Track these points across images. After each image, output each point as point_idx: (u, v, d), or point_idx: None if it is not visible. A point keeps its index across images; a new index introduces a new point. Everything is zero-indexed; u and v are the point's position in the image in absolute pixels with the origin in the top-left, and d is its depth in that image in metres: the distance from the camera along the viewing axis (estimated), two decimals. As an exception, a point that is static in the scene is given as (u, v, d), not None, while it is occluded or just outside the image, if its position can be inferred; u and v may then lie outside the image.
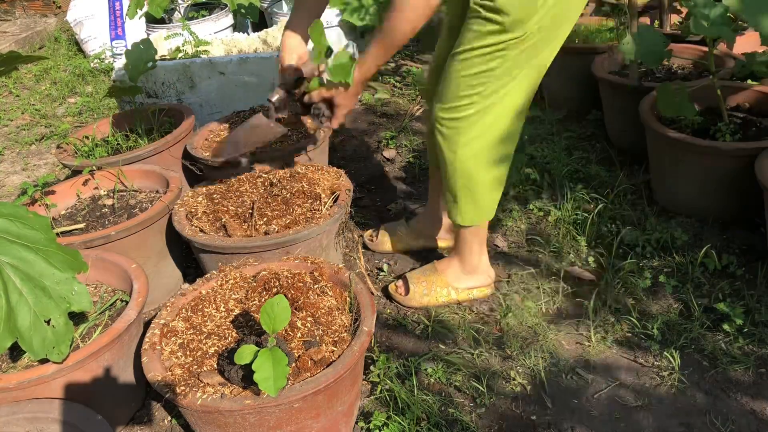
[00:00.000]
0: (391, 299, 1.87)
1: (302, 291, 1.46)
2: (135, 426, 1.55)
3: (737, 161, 1.88)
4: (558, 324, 1.72)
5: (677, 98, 1.96)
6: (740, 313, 1.63)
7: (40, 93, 3.93)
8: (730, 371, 1.52)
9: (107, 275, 1.64)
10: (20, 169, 3.02)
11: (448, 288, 1.82)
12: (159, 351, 1.34)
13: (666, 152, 2.03)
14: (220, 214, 1.80)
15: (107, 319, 1.52)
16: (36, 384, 1.31)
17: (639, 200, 2.18)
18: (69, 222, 1.91)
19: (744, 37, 2.60)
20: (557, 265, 1.92)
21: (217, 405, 1.19)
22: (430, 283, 1.82)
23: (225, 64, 2.52)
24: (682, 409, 1.45)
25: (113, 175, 2.03)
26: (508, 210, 2.20)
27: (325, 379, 1.22)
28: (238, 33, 3.19)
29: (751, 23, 1.61)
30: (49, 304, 1.28)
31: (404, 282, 1.86)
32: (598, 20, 3.09)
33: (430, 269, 1.86)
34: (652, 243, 1.94)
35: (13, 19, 5.36)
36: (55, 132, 3.34)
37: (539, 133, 2.74)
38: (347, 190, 1.85)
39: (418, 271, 1.87)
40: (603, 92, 2.53)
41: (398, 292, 1.85)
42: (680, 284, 1.80)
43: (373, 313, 1.37)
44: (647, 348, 1.61)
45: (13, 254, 1.26)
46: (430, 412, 1.47)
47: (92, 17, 4.19)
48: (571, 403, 1.49)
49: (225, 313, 1.48)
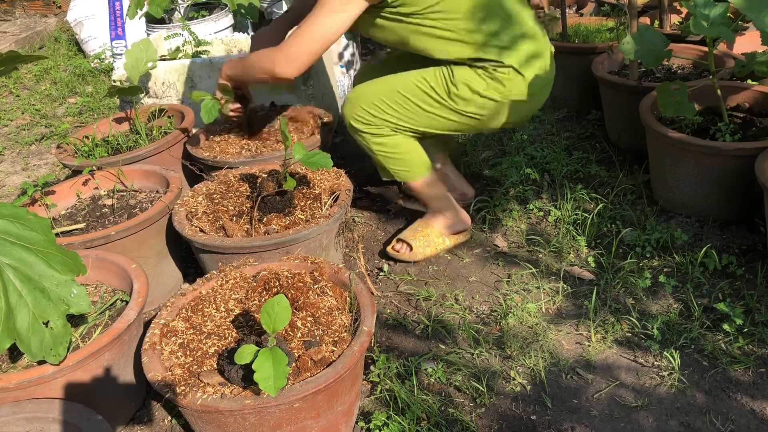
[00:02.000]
0: (394, 260, 2.02)
1: (302, 291, 1.47)
2: (135, 426, 1.55)
3: (737, 161, 1.88)
4: (558, 324, 1.72)
5: (677, 98, 1.96)
6: (740, 313, 1.63)
7: (40, 93, 3.93)
8: (730, 371, 1.52)
9: (107, 275, 1.64)
10: (20, 169, 3.03)
11: (441, 236, 2.02)
12: (159, 351, 1.34)
13: (666, 152, 2.03)
14: (220, 214, 1.80)
15: (107, 319, 1.52)
16: (36, 384, 1.31)
17: (639, 200, 2.19)
18: (69, 222, 1.91)
19: (744, 37, 2.61)
20: (557, 265, 1.92)
21: (217, 405, 1.19)
22: (426, 235, 2.00)
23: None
24: (682, 409, 1.45)
25: (113, 175, 2.04)
26: (508, 210, 2.20)
27: (325, 379, 1.22)
28: (238, 33, 3.19)
29: (755, 23, 1.61)
30: (48, 306, 1.28)
31: (402, 242, 2.02)
32: (598, 20, 3.09)
33: (421, 225, 2.04)
34: (652, 243, 1.94)
35: (13, 19, 5.36)
36: (55, 132, 3.34)
37: (539, 133, 2.75)
38: (347, 190, 1.85)
39: (409, 231, 2.03)
40: (603, 92, 2.53)
41: (402, 252, 2.00)
42: (680, 284, 1.80)
43: (373, 313, 1.37)
44: (647, 348, 1.61)
45: (13, 255, 1.26)
46: (430, 412, 1.47)
47: (92, 17, 4.20)
48: (571, 403, 1.49)
49: (225, 313, 1.48)
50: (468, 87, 1.76)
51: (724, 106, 2.05)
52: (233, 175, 1.97)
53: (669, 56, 2.01)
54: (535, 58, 1.79)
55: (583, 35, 2.93)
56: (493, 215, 2.17)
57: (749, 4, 1.60)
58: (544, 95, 1.87)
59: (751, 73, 2.12)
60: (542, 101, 1.88)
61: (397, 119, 1.82)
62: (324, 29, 1.71)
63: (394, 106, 1.81)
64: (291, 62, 1.75)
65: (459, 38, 1.74)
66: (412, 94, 1.80)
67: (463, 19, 1.72)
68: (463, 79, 1.76)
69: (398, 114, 1.82)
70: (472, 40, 1.74)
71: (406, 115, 1.82)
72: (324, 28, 1.71)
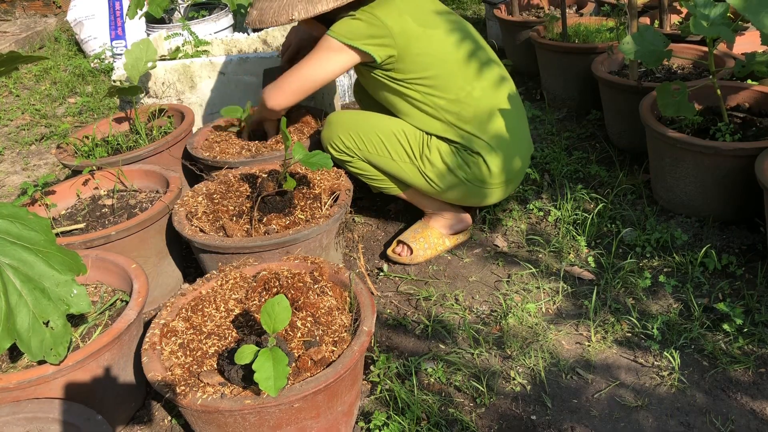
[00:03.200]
0: (394, 263, 2.02)
1: (302, 291, 1.46)
2: (135, 426, 1.55)
3: (737, 161, 1.88)
4: (558, 324, 1.72)
5: (677, 98, 1.96)
6: (740, 313, 1.63)
7: (40, 93, 3.93)
8: (730, 371, 1.52)
9: (107, 275, 1.64)
10: (20, 169, 3.03)
11: (442, 237, 2.03)
12: (159, 351, 1.34)
13: (666, 152, 2.03)
14: (220, 214, 1.80)
15: (107, 319, 1.52)
16: (36, 384, 1.31)
17: (639, 200, 2.19)
18: (69, 222, 1.91)
19: (744, 37, 2.61)
20: (557, 265, 1.92)
21: (217, 405, 1.19)
22: (426, 237, 2.01)
23: (225, 64, 2.52)
24: (682, 409, 1.45)
25: (113, 175, 2.03)
26: (508, 210, 2.20)
27: (325, 378, 1.22)
28: (238, 33, 3.19)
29: (753, 23, 1.61)
30: (48, 306, 1.28)
31: (402, 245, 2.02)
32: (598, 20, 3.09)
33: (421, 226, 2.05)
34: (652, 243, 1.94)
35: (13, 19, 5.36)
36: (55, 132, 3.34)
37: (539, 133, 2.75)
38: (347, 190, 1.85)
39: (409, 232, 2.04)
40: (603, 92, 2.53)
41: (403, 255, 2.01)
42: (680, 284, 1.80)
43: (373, 313, 1.37)
44: (647, 348, 1.61)
45: (13, 255, 1.26)
46: (430, 412, 1.47)
47: (92, 17, 4.20)
48: (571, 403, 1.49)
49: (225, 313, 1.48)
50: (440, 155, 1.85)
51: (724, 106, 2.05)
52: (233, 175, 1.97)
53: (669, 56, 2.01)
54: (507, 154, 1.87)
55: (583, 35, 2.93)
56: (493, 215, 2.17)
57: (747, 4, 1.59)
58: (508, 189, 1.96)
59: (751, 73, 2.13)
60: (507, 193, 1.97)
61: (366, 156, 1.91)
62: (314, 74, 1.84)
63: (367, 144, 1.89)
64: (277, 98, 1.91)
65: (437, 116, 1.84)
66: (387, 141, 1.88)
67: (447, 102, 1.82)
68: (437, 147, 1.86)
69: (369, 153, 1.90)
70: (448, 122, 1.84)
71: (375, 157, 1.90)
72: (314, 72, 1.84)
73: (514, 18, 3.37)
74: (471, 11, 4.84)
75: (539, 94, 3.15)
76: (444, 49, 1.82)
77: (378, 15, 1.75)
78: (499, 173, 1.86)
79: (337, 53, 1.79)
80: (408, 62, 1.79)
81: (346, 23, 1.77)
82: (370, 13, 1.76)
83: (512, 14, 3.40)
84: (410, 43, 1.77)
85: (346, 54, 1.79)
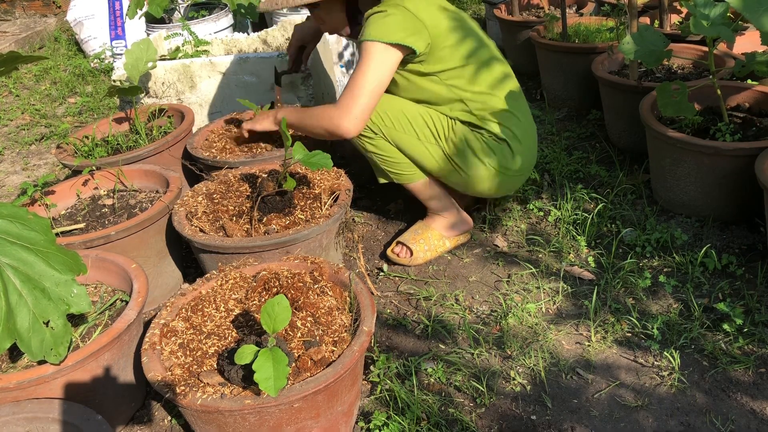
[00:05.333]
0: (394, 263, 2.01)
1: (302, 291, 1.46)
2: (135, 426, 1.55)
3: (737, 161, 1.88)
4: (558, 324, 1.72)
5: (677, 98, 1.96)
6: (740, 313, 1.63)
7: (40, 93, 3.93)
8: (730, 371, 1.52)
9: (107, 275, 1.64)
10: (20, 169, 3.03)
11: (442, 239, 2.02)
12: (159, 351, 1.34)
13: (666, 152, 2.03)
14: (219, 214, 1.80)
15: (107, 319, 1.52)
16: (36, 384, 1.31)
17: (639, 200, 2.18)
18: (69, 222, 1.91)
19: (744, 36, 2.61)
20: (557, 265, 1.92)
21: (217, 405, 1.19)
22: (426, 239, 2.01)
23: (225, 64, 2.52)
24: (682, 409, 1.45)
25: (113, 175, 2.03)
26: (508, 210, 2.20)
27: (325, 379, 1.22)
28: (238, 33, 3.19)
29: (753, 23, 1.61)
30: (49, 306, 1.28)
31: (402, 245, 2.02)
32: (598, 20, 3.09)
33: (421, 227, 2.04)
34: (652, 243, 1.94)
35: (13, 19, 5.36)
36: (55, 132, 3.34)
37: (539, 133, 2.75)
38: (347, 190, 1.85)
39: (409, 233, 2.03)
40: (603, 92, 2.53)
41: (403, 256, 2.00)
42: (680, 284, 1.80)
43: (373, 313, 1.37)
44: (647, 348, 1.61)
45: (13, 255, 1.26)
46: (430, 412, 1.47)
47: (92, 17, 4.20)
48: (571, 403, 1.49)
49: (225, 313, 1.48)
50: (465, 140, 1.84)
51: (724, 105, 2.04)
52: (233, 175, 1.97)
53: (669, 56, 2.01)
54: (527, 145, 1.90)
55: (583, 35, 2.93)
56: (493, 215, 2.17)
57: (746, 4, 1.59)
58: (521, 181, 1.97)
59: (751, 73, 2.12)
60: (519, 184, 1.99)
61: (391, 134, 1.87)
62: (373, 85, 1.73)
63: (394, 122, 1.85)
64: (352, 123, 1.76)
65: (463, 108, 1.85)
66: (414, 121, 1.85)
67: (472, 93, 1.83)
68: (462, 132, 1.85)
69: (395, 131, 1.86)
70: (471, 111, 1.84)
71: (401, 135, 1.87)
72: (372, 83, 1.73)
73: (514, 18, 3.37)
74: (471, 11, 4.84)
75: (539, 94, 3.15)
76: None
77: (408, 7, 1.72)
78: (521, 162, 1.88)
79: (383, 54, 1.72)
80: (438, 53, 1.77)
81: (380, 22, 1.71)
82: (400, 5, 1.72)
83: (512, 14, 3.40)
84: (440, 34, 1.76)
85: (392, 53, 1.72)
